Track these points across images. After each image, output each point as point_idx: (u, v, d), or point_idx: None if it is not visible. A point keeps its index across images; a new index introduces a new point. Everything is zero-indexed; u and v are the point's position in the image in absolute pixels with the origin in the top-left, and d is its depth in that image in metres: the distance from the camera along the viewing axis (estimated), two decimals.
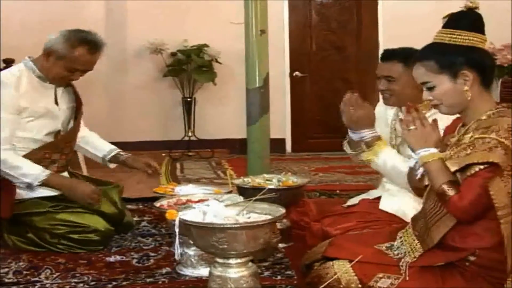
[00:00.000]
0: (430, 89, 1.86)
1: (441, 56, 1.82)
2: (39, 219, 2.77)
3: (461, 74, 1.81)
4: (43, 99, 2.86)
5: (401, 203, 2.49)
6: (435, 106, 1.90)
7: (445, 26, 1.86)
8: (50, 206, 2.79)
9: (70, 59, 2.77)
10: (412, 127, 1.87)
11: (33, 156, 2.81)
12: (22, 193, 2.80)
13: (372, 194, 2.73)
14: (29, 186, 2.76)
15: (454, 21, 1.85)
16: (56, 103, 2.92)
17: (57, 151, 2.92)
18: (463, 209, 1.72)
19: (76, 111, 3.02)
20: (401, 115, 2.53)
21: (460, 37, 1.81)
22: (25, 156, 2.78)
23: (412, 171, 1.96)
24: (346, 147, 2.61)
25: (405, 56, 2.43)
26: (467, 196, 1.70)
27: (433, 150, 1.82)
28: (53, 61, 2.79)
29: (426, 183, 1.88)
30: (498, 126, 1.73)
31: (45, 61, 2.81)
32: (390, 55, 2.51)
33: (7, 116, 2.74)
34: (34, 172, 2.75)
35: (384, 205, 2.55)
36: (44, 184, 2.77)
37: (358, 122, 2.42)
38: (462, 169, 1.73)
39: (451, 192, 1.72)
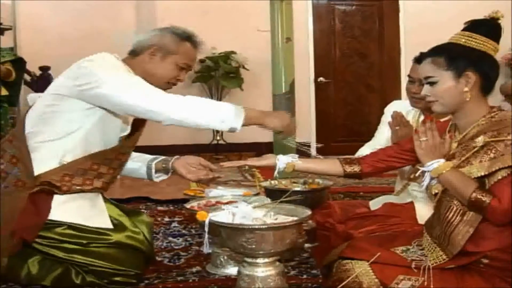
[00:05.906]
0: (432, 84, 1.87)
1: (452, 54, 1.84)
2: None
3: (465, 75, 1.82)
4: None
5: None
6: (430, 103, 1.90)
7: (464, 29, 1.88)
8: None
9: (181, 53, 2.38)
10: (424, 139, 1.87)
11: (78, 166, 2.28)
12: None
13: (391, 199, 2.72)
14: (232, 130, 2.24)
15: (474, 26, 1.87)
16: None
17: (107, 163, 2.36)
18: (504, 212, 1.70)
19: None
20: (423, 117, 2.54)
21: (475, 40, 1.83)
22: (69, 164, 2.27)
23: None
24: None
25: None
26: (505, 198, 1.69)
27: (443, 161, 1.82)
28: (159, 59, 2.37)
29: (436, 191, 1.88)
30: None
31: (148, 61, 2.37)
32: None
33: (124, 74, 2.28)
34: (231, 112, 2.20)
35: (422, 216, 2.42)
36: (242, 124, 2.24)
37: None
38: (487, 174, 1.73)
39: (487, 198, 1.71)
